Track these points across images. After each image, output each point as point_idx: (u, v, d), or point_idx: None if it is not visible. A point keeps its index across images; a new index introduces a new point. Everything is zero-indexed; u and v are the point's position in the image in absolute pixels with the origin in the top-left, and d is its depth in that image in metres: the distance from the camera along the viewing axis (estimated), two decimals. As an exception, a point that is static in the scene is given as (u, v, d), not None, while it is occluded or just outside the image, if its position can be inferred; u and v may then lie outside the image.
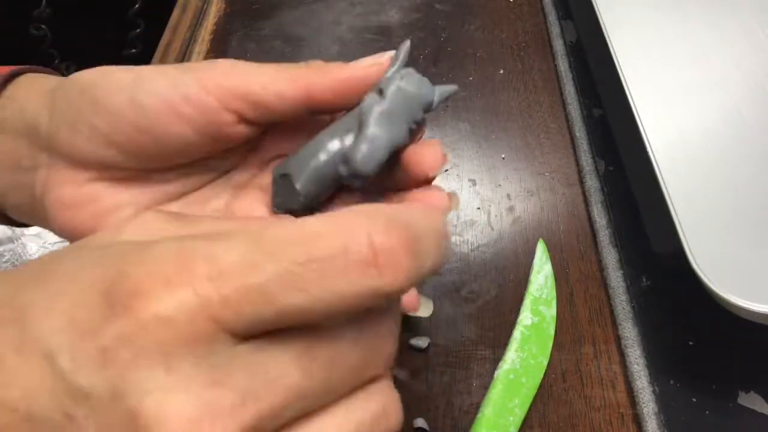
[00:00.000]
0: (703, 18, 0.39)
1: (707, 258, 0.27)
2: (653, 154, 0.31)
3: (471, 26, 0.48)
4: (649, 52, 0.37)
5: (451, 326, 0.32)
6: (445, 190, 0.29)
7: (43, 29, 0.87)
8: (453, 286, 0.33)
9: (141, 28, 0.88)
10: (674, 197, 0.29)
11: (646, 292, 0.32)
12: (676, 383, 0.29)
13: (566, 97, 0.42)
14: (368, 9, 0.50)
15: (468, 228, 0.36)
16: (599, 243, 0.34)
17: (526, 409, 0.29)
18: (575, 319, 0.32)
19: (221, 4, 0.51)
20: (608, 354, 0.30)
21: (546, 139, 0.40)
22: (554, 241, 0.35)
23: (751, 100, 0.34)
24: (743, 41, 0.37)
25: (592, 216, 0.36)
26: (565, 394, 0.29)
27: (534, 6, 0.50)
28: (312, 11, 0.50)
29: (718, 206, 0.29)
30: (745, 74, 0.35)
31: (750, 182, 0.30)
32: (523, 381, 0.29)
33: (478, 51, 0.46)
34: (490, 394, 0.29)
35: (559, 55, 0.45)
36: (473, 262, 0.34)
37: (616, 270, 0.33)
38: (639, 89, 0.35)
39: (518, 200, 0.37)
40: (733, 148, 0.32)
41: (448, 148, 0.40)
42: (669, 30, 0.39)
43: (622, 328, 0.31)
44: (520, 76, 0.45)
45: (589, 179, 0.37)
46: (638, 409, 0.28)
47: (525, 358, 0.30)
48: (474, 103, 0.43)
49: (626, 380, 0.29)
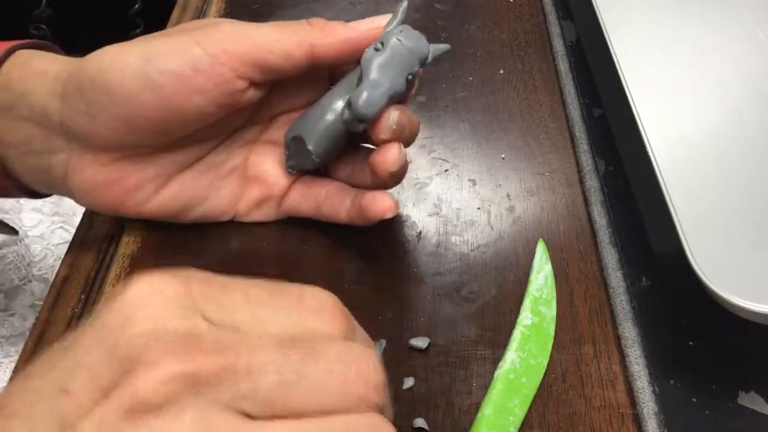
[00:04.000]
0: (703, 18, 0.39)
1: (707, 258, 0.27)
2: (653, 154, 0.31)
3: (471, 26, 0.48)
4: (649, 52, 0.37)
5: (451, 326, 0.32)
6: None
7: (43, 29, 0.87)
8: (453, 286, 0.33)
9: (141, 28, 0.88)
10: (674, 197, 0.29)
11: (646, 292, 0.32)
12: (676, 383, 0.29)
13: (566, 97, 0.42)
14: (368, 9, 0.50)
15: (468, 228, 0.36)
16: (599, 243, 0.34)
17: (526, 409, 0.29)
18: (575, 319, 0.32)
19: (221, 4, 0.51)
20: (608, 354, 0.30)
21: (546, 139, 0.40)
22: (554, 241, 0.35)
23: (751, 100, 0.34)
24: (743, 41, 0.37)
25: (592, 216, 0.36)
26: (565, 394, 0.29)
27: (534, 6, 0.50)
28: (312, 11, 0.50)
29: (718, 206, 0.29)
30: (745, 74, 0.35)
31: (750, 182, 0.30)
32: (523, 381, 0.29)
33: (478, 51, 0.46)
34: (490, 394, 0.29)
35: (559, 55, 0.45)
36: (473, 262, 0.34)
37: (616, 270, 0.33)
38: (639, 89, 0.35)
39: (518, 200, 0.37)
40: (733, 148, 0.32)
41: (448, 148, 0.40)
42: (669, 30, 0.39)
43: (622, 328, 0.31)
44: (520, 76, 0.45)
45: (589, 179, 0.37)
46: (638, 409, 0.28)
47: (525, 358, 0.30)
48: (474, 103, 0.43)
49: (626, 380, 0.29)
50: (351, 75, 0.32)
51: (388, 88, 0.30)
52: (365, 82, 0.30)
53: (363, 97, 0.29)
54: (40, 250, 0.57)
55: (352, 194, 0.33)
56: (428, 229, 0.36)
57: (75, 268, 0.35)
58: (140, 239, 0.36)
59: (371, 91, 0.29)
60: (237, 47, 0.29)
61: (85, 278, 0.34)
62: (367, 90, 0.29)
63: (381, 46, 0.30)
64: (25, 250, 0.56)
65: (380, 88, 0.29)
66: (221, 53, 0.29)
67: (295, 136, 0.33)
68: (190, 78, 0.29)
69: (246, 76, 0.30)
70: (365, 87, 0.29)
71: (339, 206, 0.33)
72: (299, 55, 0.30)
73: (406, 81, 0.30)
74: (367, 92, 0.29)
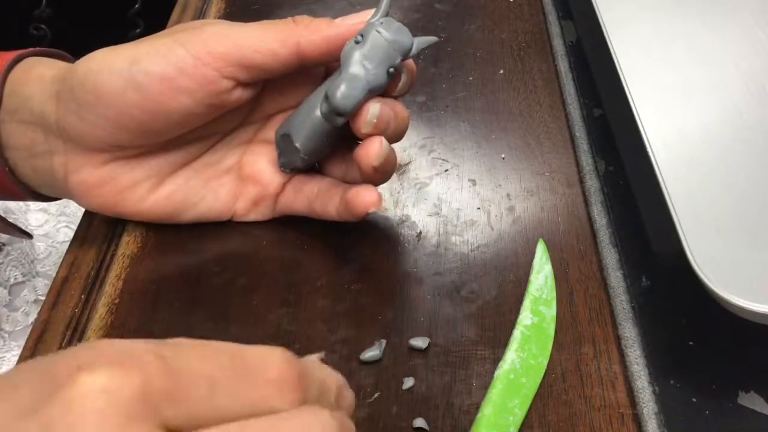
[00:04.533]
0: (703, 18, 0.39)
1: (707, 258, 0.27)
2: (653, 154, 0.31)
3: (471, 26, 0.48)
4: (649, 52, 0.37)
5: (451, 326, 0.32)
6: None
7: (43, 29, 0.87)
8: (453, 286, 0.33)
9: (141, 28, 0.88)
10: (674, 197, 0.29)
11: (646, 292, 0.32)
12: (676, 383, 0.29)
13: (566, 97, 0.42)
14: (368, 9, 0.50)
15: (468, 228, 0.36)
16: (599, 243, 0.34)
17: (526, 409, 0.29)
18: (575, 319, 0.32)
19: (221, 4, 0.51)
20: (608, 354, 0.30)
21: (546, 139, 0.40)
22: (554, 241, 0.35)
23: (751, 100, 0.34)
24: (743, 41, 0.37)
25: (592, 216, 0.36)
26: (565, 394, 0.29)
27: (534, 6, 0.50)
28: (311, 11, 0.50)
29: (718, 206, 0.29)
30: (745, 74, 0.35)
31: (750, 182, 0.30)
32: (523, 381, 0.29)
33: (478, 51, 0.46)
34: (490, 394, 0.29)
35: (559, 55, 0.45)
36: (473, 262, 0.34)
37: (616, 270, 0.33)
38: (639, 89, 0.35)
39: (518, 200, 0.37)
40: (733, 148, 0.32)
41: (448, 148, 0.40)
42: (669, 30, 0.39)
43: (622, 328, 0.31)
44: (520, 76, 0.45)
45: (589, 179, 0.37)
46: (638, 409, 0.28)
47: (525, 358, 0.30)
48: (474, 103, 0.43)
49: (626, 380, 0.29)
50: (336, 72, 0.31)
51: (366, 81, 0.29)
52: (342, 74, 0.29)
53: (340, 90, 0.29)
54: (44, 248, 0.57)
55: (341, 189, 0.33)
56: (428, 229, 0.36)
57: (75, 268, 0.35)
58: (140, 239, 0.36)
59: (348, 83, 0.29)
60: (221, 47, 0.29)
61: (85, 278, 0.34)
62: (344, 83, 0.29)
63: (361, 39, 0.29)
64: (29, 248, 0.57)
65: (358, 81, 0.29)
66: (205, 54, 0.29)
67: (283, 134, 0.33)
68: (175, 79, 0.29)
69: (231, 76, 0.30)
70: (342, 80, 0.29)
71: (329, 202, 0.33)
72: (285, 54, 0.30)
73: (388, 74, 0.30)
74: (344, 85, 0.29)
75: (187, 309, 0.33)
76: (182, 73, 0.29)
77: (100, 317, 0.33)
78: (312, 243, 0.35)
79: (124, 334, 0.32)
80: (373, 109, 0.30)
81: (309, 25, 0.31)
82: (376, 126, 0.30)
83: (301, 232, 0.35)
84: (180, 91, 0.30)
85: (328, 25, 0.30)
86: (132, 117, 0.30)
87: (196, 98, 0.30)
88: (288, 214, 0.35)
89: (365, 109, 0.30)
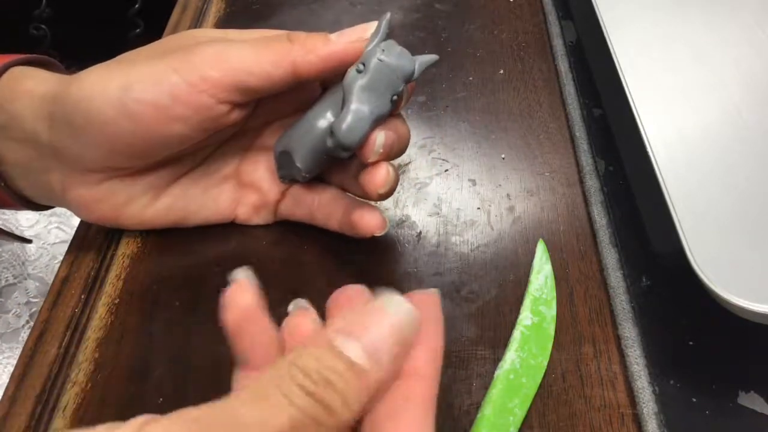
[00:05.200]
0: (703, 18, 0.39)
1: (707, 258, 0.27)
2: (653, 154, 0.31)
3: (471, 26, 0.48)
4: (649, 52, 0.37)
5: (451, 326, 0.32)
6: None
7: (43, 29, 0.87)
8: (453, 286, 0.33)
9: (141, 28, 0.88)
10: (674, 197, 0.29)
11: (646, 292, 0.32)
12: (676, 383, 0.29)
13: (566, 97, 0.42)
14: (368, 9, 0.50)
15: (468, 228, 0.36)
16: (599, 243, 0.34)
17: (526, 409, 0.29)
18: (575, 319, 0.32)
19: (221, 4, 0.51)
20: (608, 354, 0.30)
21: (546, 139, 0.40)
22: (554, 241, 0.35)
23: (751, 100, 0.34)
24: (743, 41, 0.37)
25: (592, 216, 0.36)
26: (565, 394, 0.29)
27: (534, 6, 0.50)
28: (312, 11, 0.50)
29: (718, 206, 0.29)
30: (745, 74, 0.35)
31: (750, 182, 0.30)
32: (523, 381, 0.29)
33: (478, 51, 0.46)
34: (490, 394, 0.29)
35: (559, 55, 0.45)
36: (473, 262, 0.34)
37: (616, 270, 0.33)
38: (639, 89, 0.35)
39: (518, 200, 0.37)
40: (733, 148, 0.32)
41: (448, 148, 0.40)
42: (669, 30, 0.39)
43: (622, 328, 0.31)
44: (520, 76, 0.45)
45: (589, 179, 0.37)
46: (638, 409, 0.28)
47: (525, 358, 0.30)
48: (474, 103, 0.43)
49: (626, 380, 0.29)
50: (337, 87, 0.31)
51: (371, 112, 0.28)
52: (346, 108, 0.28)
53: (345, 125, 0.28)
54: (35, 250, 0.57)
55: (344, 204, 0.33)
56: (428, 229, 0.36)
57: (75, 268, 0.35)
58: (140, 239, 0.36)
59: (353, 118, 0.28)
60: (215, 73, 0.29)
61: (85, 278, 0.34)
62: (349, 117, 0.28)
63: (363, 68, 0.29)
64: (20, 249, 0.56)
65: (363, 114, 0.28)
66: (199, 80, 0.28)
67: (283, 150, 0.33)
68: (169, 107, 0.29)
69: (227, 101, 0.29)
70: (347, 114, 0.28)
71: (331, 215, 0.33)
72: (280, 75, 0.29)
73: (391, 102, 0.29)
74: (349, 120, 0.28)
75: (187, 309, 0.33)
76: (176, 101, 0.29)
77: (100, 317, 0.33)
78: (312, 243, 0.35)
79: (124, 334, 0.32)
80: (379, 139, 0.29)
81: (305, 43, 0.30)
82: (382, 154, 0.29)
83: (301, 233, 0.35)
84: (175, 119, 0.29)
85: (324, 43, 0.30)
86: (126, 143, 0.30)
87: (191, 124, 0.29)
88: (289, 220, 0.36)
89: (371, 141, 0.29)
